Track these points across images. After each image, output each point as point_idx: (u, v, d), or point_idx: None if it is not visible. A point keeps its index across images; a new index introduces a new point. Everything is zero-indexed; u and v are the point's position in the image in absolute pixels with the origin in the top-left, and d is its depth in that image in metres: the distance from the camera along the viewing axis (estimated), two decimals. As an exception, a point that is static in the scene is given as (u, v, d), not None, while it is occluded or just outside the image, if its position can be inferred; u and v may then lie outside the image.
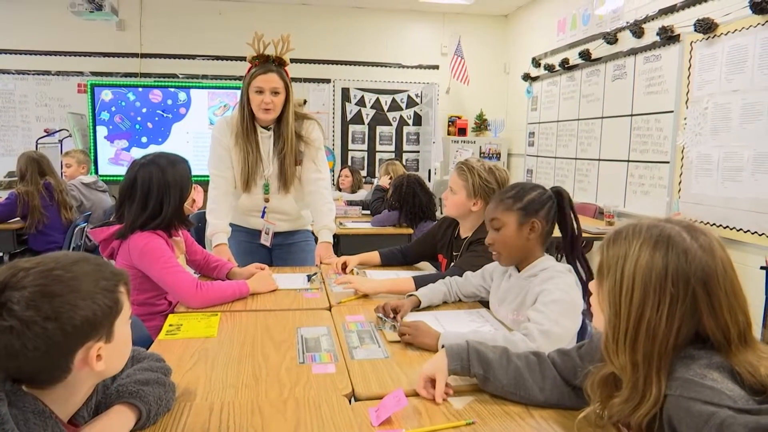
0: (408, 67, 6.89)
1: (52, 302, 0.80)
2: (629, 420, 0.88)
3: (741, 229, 3.30)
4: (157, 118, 6.18)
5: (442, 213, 2.33)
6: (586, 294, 1.52)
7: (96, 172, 5.97)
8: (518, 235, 1.57)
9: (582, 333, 1.58)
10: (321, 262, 2.40)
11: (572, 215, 1.58)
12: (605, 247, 0.94)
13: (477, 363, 1.17)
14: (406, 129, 7.02)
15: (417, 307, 1.75)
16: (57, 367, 0.83)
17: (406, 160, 6.98)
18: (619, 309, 0.89)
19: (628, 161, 4.43)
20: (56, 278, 0.82)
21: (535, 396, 1.14)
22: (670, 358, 0.85)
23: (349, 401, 1.18)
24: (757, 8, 3.13)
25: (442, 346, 1.22)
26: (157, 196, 1.80)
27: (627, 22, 4.41)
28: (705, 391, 0.78)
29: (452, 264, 2.11)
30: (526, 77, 6.17)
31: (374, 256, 2.36)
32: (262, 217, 2.49)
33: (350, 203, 4.67)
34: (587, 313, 1.55)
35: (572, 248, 1.58)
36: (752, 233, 3.23)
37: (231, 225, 2.42)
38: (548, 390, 1.14)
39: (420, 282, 1.90)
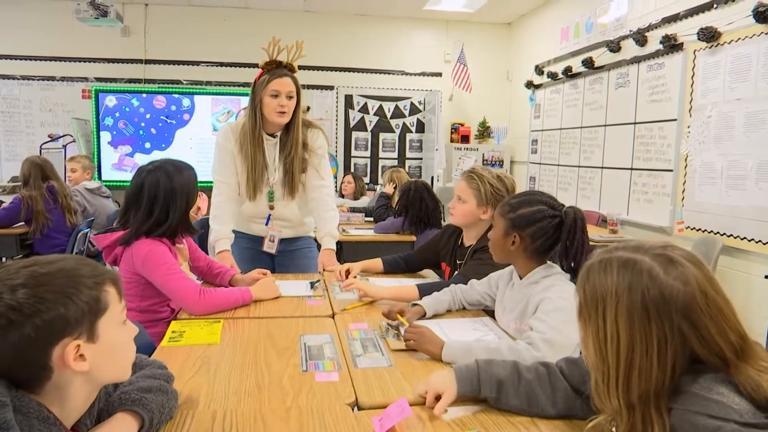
0: (411, 74, 6.91)
1: (19, 294, 0.80)
2: None
3: (745, 238, 3.29)
4: (160, 124, 6.20)
5: (445, 221, 2.32)
6: None
7: (99, 177, 5.98)
8: (502, 242, 1.60)
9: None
10: (324, 269, 2.39)
11: (577, 239, 1.52)
12: (581, 287, 0.93)
13: (488, 386, 1.15)
14: (409, 136, 7.03)
15: (422, 317, 1.75)
16: (33, 363, 0.83)
17: (409, 167, 6.98)
18: (606, 356, 0.87)
19: (632, 169, 4.42)
20: (29, 273, 0.83)
21: (547, 411, 1.13)
22: (668, 391, 0.84)
23: (353, 410, 1.17)
24: (760, 17, 3.13)
25: (450, 364, 1.19)
26: (164, 202, 1.80)
27: (630, 31, 4.42)
28: (711, 405, 0.77)
29: (456, 272, 2.10)
30: (529, 85, 6.18)
31: (377, 263, 2.36)
32: (267, 224, 2.49)
33: (353, 210, 4.67)
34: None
35: (573, 269, 1.56)
36: (756, 242, 3.22)
37: (234, 232, 2.42)
38: (560, 403, 1.13)
39: (424, 290, 1.89)
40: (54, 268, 0.85)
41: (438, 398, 1.14)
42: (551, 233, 1.56)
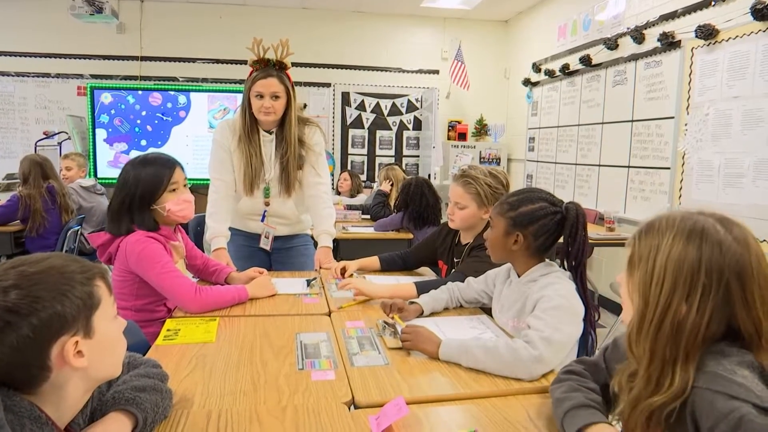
0: (408, 71, 6.89)
1: (12, 295, 0.79)
2: (645, 405, 0.87)
3: (742, 236, 3.29)
4: (156, 121, 6.17)
5: (445, 219, 2.30)
6: (587, 308, 1.51)
7: (95, 174, 5.96)
8: (503, 241, 1.57)
9: (584, 340, 1.56)
10: (320, 267, 2.38)
11: (579, 235, 1.52)
12: (637, 238, 0.94)
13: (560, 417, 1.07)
14: (406, 133, 7.02)
15: (419, 315, 1.74)
16: (32, 364, 0.82)
17: (406, 164, 6.97)
18: (648, 298, 0.89)
19: (629, 167, 4.42)
20: (20, 273, 0.82)
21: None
22: (699, 352, 0.85)
23: (349, 409, 1.16)
24: (758, 15, 3.13)
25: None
26: (125, 190, 1.79)
27: (628, 28, 4.41)
28: (733, 386, 0.78)
29: (453, 270, 2.09)
30: (527, 82, 6.17)
31: (374, 261, 2.35)
32: (262, 221, 2.48)
33: (350, 207, 4.67)
34: (587, 320, 1.53)
35: (574, 268, 1.55)
36: (753, 240, 3.22)
37: (230, 229, 2.41)
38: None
39: (422, 288, 1.89)
40: (44, 267, 0.84)
41: None
42: (553, 230, 1.55)
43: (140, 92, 6.14)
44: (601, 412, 1.02)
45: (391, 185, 4.52)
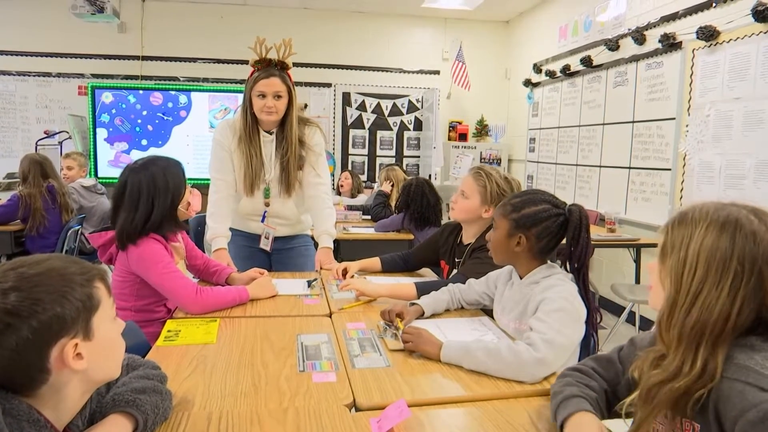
0: (409, 72, 6.89)
1: (12, 297, 0.79)
2: (671, 394, 0.88)
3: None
4: (157, 121, 6.17)
5: (449, 219, 2.30)
6: (589, 310, 1.50)
7: (96, 174, 5.96)
8: (506, 242, 1.57)
9: (585, 342, 1.56)
10: (321, 268, 2.38)
11: (582, 237, 1.51)
12: (670, 227, 0.95)
13: (554, 411, 1.08)
14: (406, 134, 7.02)
15: (420, 317, 1.73)
16: (32, 366, 0.81)
17: (407, 165, 6.97)
18: (680, 284, 0.90)
19: (630, 168, 4.42)
20: (19, 275, 0.81)
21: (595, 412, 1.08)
22: (729, 341, 0.86)
23: (350, 411, 1.16)
24: (759, 16, 3.13)
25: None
26: (147, 199, 1.77)
27: (629, 29, 4.41)
28: (763, 379, 0.79)
29: (455, 270, 2.09)
30: (527, 83, 6.17)
31: (375, 262, 2.34)
32: (262, 221, 2.47)
33: (350, 208, 4.66)
34: (589, 323, 1.53)
35: (577, 270, 1.54)
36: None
37: (230, 229, 2.40)
38: (602, 402, 1.10)
39: (422, 289, 1.88)
40: (43, 268, 0.84)
41: None
42: (556, 232, 1.54)
43: (141, 92, 6.14)
44: (590, 404, 1.04)
45: (392, 186, 4.51)
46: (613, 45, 4.58)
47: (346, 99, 6.84)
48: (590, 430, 0.99)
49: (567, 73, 5.32)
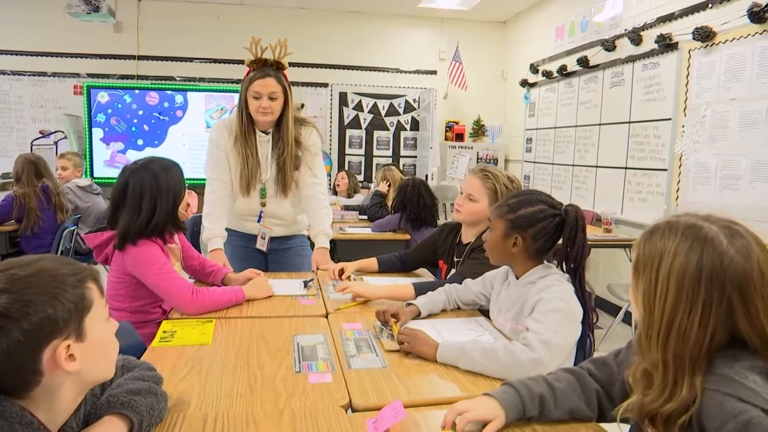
0: (406, 72, 6.89)
1: (2, 299, 0.78)
2: (659, 412, 0.88)
3: (739, 238, 3.29)
4: (153, 121, 6.15)
5: (446, 219, 2.29)
6: (585, 310, 1.50)
7: (91, 174, 5.94)
8: (502, 243, 1.57)
9: (581, 343, 1.56)
10: (317, 268, 2.37)
11: (578, 238, 1.51)
12: (642, 242, 0.94)
13: (531, 405, 1.09)
14: (403, 134, 7.01)
15: (417, 317, 1.73)
16: (24, 368, 0.80)
17: (404, 165, 6.96)
18: (653, 309, 0.89)
19: (626, 168, 4.42)
20: (10, 277, 0.81)
21: (586, 415, 1.10)
22: (705, 361, 0.85)
23: (346, 412, 1.16)
24: (755, 17, 3.13)
25: (485, 393, 1.11)
26: (150, 200, 1.77)
27: (625, 30, 4.42)
28: (743, 390, 0.79)
29: (453, 270, 2.09)
30: (524, 83, 6.17)
31: (372, 262, 2.34)
32: (259, 221, 2.47)
33: (347, 208, 4.66)
34: (585, 323, 1.53)
35: (573, 270, 1.54)
36: (750, 242, 3.22)
37: (226, 230, 2.40)
38: (595, 404, 1.11)
39: (420, 289, 1.88)
40: (35, 269, 0.83)
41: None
42: (552, 233, 1.54)
43: (137, 91, 6.12)
44: (516, 391, 1.08)
45: (389, 186, 4.51)
46: (609, 45, 4.59)
47: (343, 99, 6.83)
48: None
49: (563, 73, 5.33)
